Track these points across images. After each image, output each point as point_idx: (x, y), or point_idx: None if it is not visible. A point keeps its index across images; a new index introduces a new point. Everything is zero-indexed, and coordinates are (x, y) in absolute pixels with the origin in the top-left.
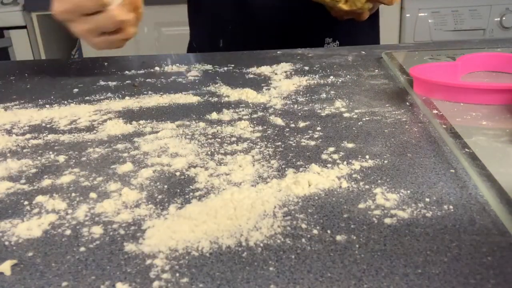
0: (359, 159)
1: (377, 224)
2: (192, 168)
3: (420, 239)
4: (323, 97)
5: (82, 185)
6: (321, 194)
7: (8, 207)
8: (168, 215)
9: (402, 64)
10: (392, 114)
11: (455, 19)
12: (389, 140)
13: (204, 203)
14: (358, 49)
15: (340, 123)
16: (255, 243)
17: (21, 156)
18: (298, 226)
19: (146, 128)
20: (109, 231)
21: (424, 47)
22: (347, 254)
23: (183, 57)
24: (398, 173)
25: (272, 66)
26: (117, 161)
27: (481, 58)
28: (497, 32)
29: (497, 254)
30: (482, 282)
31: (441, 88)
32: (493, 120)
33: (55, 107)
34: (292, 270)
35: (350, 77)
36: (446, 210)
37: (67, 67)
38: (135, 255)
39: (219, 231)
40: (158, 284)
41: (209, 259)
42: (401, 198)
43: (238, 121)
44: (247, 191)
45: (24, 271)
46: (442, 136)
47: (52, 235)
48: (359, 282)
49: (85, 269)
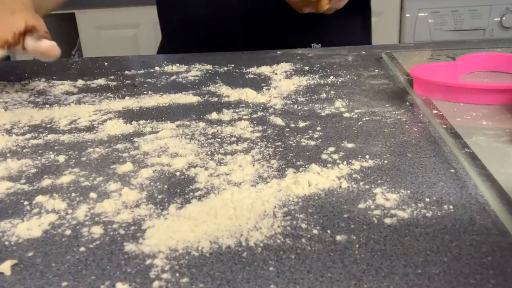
0: (359, 159)
1: (377, 224)
2: (192, 168)
3: (420, 239)
4: (323, 97)
5: (82, 185)
6: (321, 194)
7: (8, 207)
8: (168, 215)
9: (402, 64)
10: (392, 114)
11: (455, 19)
12: (389, 140)
13: (204, 203)
14: (358, 49)
15: (340, 123)
16: (255, 243)
17: (21, 156)
18: (298, 226)
19: (146, 128)
20: (109, 231)
21: (424, 47)
22: (347, 254)
23: (183, 57)
24: (398, 173)
25: (272, 66)
26: (117, 161)
27: (481, 58)
28: (497, 32)
29: (497, 254)
30: (482, 282)
31: (441, 88)
32: (493, 120)
33: (55, 107)
34: (292, 270)
35: (350, 77)
36: (446, 210)
37: (67, 67)
38: (135, 255)
39: (219, 231)
40: (158, 284)
41: (209, 259)
42: (401, 198)
43: (238, 121)
44: (247, 191)
45: (24, 271)
46: (442, 136)
47: (52, 235)
48: (359, 282)
49: (85, 269)
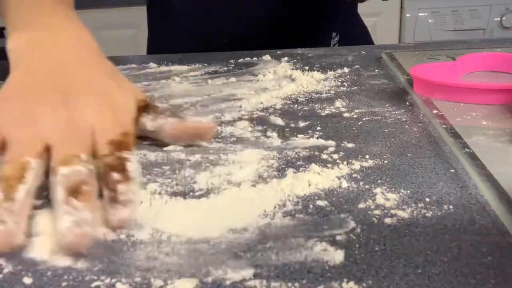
0: (359, 159)
1: (377, 224)
2: (192, 168)
3: (420, 239)
4: (323, 97)
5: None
6: (321, 194)
7: None
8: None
9: (402, 64)
10: (392, 114)
11: (455, 19)
12: (389, 140)
13: (204, 203)
14: (358, 49)
15: (340, 123)
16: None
17: None
18: (298, 226)
19: None
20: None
21: (424, 47)
22: (347, 254)
23: (182, 57)
24: (398, 173)
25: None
26: None
27: (481, 58)
28: (497, 32)
29: (497, 254)
30: (482, 282)
31: (441, 88)
32: (493, 120)
33: None
34: (292, 270)
35: (350, 77)
36: (446, 210)
37: None
38: (135, 254)
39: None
40: (158, 283)
41: (209, 259)
42: (401, 198)
43: (238, 121)
44: (247, 191)
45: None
46: (442, 136)
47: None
48: (359, 282)
49: (85, 269)
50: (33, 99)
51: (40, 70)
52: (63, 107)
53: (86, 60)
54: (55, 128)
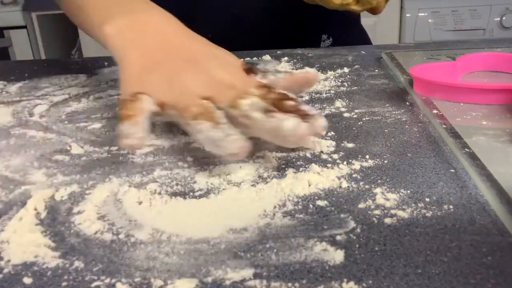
0: (359, 159)
1: (377, 224)
2: (192, 168)
3: (420, 239)
4: (323, 97)
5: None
6: (321, 194)
7: None
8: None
9: (402, 64)
10: (392, 114)
11: (455, 19)
12: (389, 140)
13: (204, 203)
14: (358, 49)
15: (340, 123)
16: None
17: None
18: (298, 226)
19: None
20: (109, 230)
21: (424, 47)
22: (347, 254)
23: None
24: (398, 173)
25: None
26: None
27: (481, 58)
28: (497, 32)
29: (497, 254)
30: (482, 282)
31: (441, 88)
32: (493, 120)
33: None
34: (292, 269)
35: (350, 77)
36: (446, 210)
37: (67, 67)
38: (135, 254)
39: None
40: (158, 283)
41: (209, 259)
42: (401, 198)
43: None
44: (247, 191)
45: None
46: (442, 136)
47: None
48: (359, 282)
49: (85, 269)
50: (171, 70)
51: (158, 45)
52: (201, 72)
53: (189, 33)
54: (205, 87)
